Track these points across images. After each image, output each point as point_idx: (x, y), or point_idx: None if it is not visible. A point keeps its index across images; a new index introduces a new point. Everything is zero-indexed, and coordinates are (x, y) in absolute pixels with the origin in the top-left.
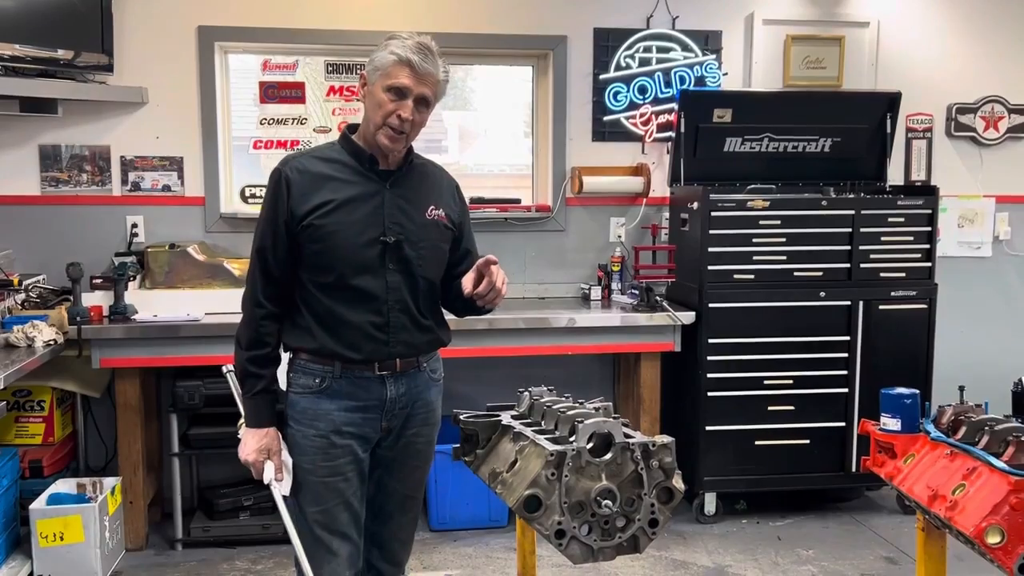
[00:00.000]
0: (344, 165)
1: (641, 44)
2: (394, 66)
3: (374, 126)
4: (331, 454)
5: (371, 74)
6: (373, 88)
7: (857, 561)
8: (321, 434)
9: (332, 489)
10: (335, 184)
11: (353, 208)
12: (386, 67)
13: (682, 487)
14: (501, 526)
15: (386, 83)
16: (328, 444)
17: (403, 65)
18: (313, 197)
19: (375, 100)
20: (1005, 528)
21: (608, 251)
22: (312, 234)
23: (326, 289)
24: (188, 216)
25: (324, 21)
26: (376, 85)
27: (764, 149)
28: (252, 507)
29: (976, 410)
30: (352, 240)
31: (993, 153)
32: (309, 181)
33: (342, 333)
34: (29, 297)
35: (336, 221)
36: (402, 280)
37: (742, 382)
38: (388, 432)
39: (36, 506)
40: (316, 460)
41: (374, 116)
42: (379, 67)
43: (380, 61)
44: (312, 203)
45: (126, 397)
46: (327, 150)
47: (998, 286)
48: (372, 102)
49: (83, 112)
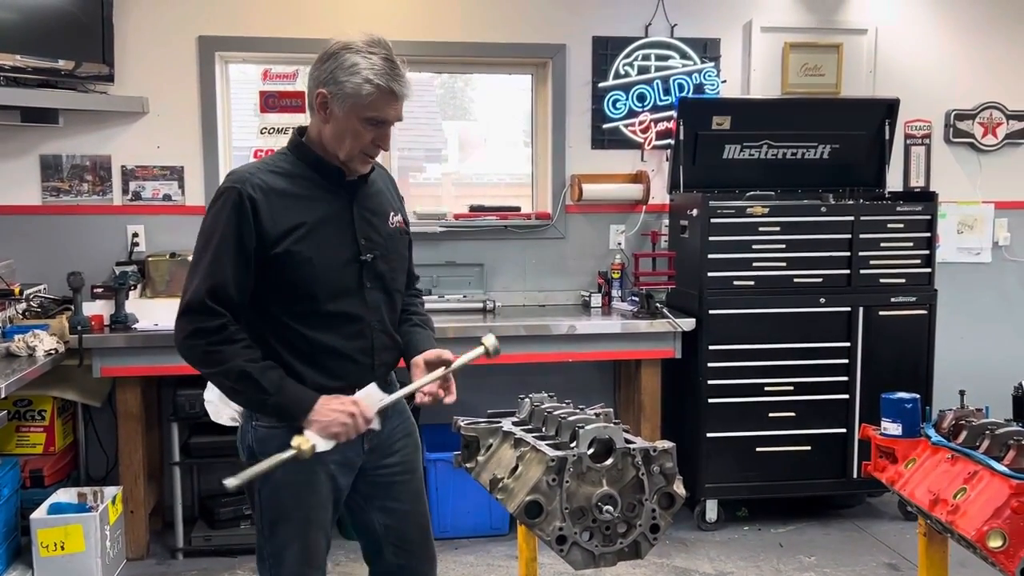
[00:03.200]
0: (305, 179)
1: (640, 52)
2: (376, 98)
3: (345, 153)
4: (314, 485)
5: (339, 99)
6: (344, 116)
7: (859, 568)
8: (297, 469)
9: (315, 522)
10: (303, 203)
11: (325, 228)
12: (364, 98)
13: (683, 492)
14: (502, 534)
15: (365, 115)
16: (312, 474)
17: (385, 96)
18: (282, 220)
19: (348, 128)
20: (1007, 532)
21: (608, 258)
22: (288, 261)
23: (302, 318)
24: (189, 225)
25: (324, 31)
26: (349, 114)
27: (763, 156)
28: (253, 516)
29: (977, 414)
30: (330, 263)
31: (992, 159)
32: (276, 201)
33: (324, 363)
34: (30, 306)
35: (313, 245)
36: (381, 298)
37: (743, 389)
38: (371, 452)
39: (37, 515)
40: (301, 493)
41: (346, 144)
42: (351, 95)
43: (353, 89)
44: (283, 227)
45: (127, 406)
46: (280, 162)
47: (998, 291)
48: (341, 128)
49: (84, 122)
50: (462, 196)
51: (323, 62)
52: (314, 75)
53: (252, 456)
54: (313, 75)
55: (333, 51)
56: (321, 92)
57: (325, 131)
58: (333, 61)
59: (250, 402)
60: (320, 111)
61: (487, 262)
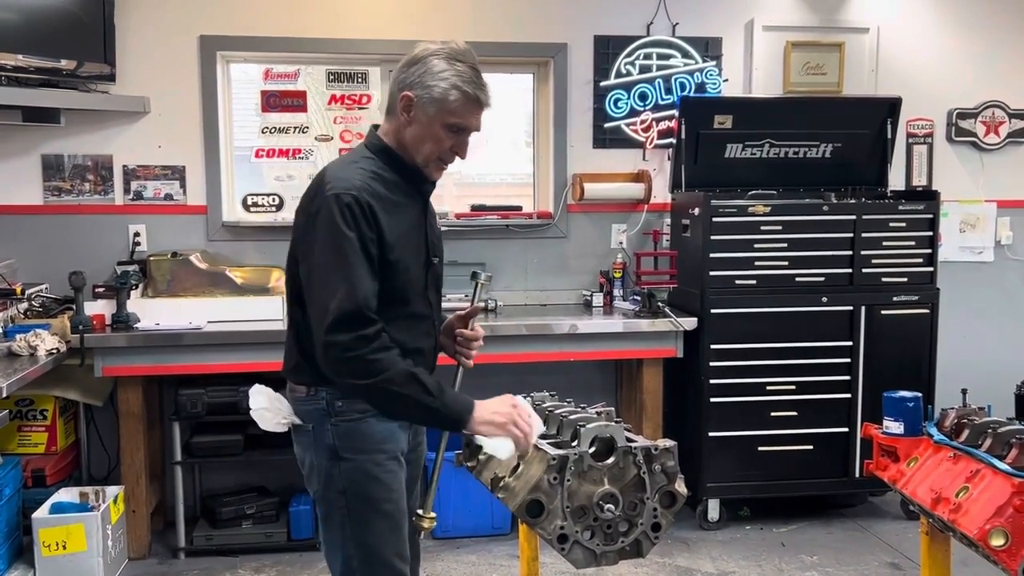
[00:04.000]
0: (394, 184)
1: (641, 51)
2: (462, 105)
3: (423, 158)
4: (399, 476)
5: (425, 103)
6: (428, 120)
7: (861, 567)
8: (391, 456)
9: (403, 513)
10: (401, 210)
11: (412, 233)
12: (451, 104)
13: (685, 491)
14: (504, 533)
15: (449, 120)
16: (398, 465)
17: (471, 103)
18: (394, 227)
19: (429, 133)
20: (1009, 530)
21: (610, 257)
22: (396, 267)
23: (391, 321)
24: (190, 225)
25: (325, 30)
26: (433, 119)
27: (765, 155)
28: (255, 515)
29: (979, 413)
30: (416, 267)
31: (994, 158)
32: (386, 208)
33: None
34: (32, 306)
35: (408, 250)
36: (436, 298)
37: (744, 388)
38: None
39: (39, 515)
40: (392, 485)
41: (426, 148)
42: (439, 100)
43: (440, 94)
44: (395, 234)
45: (128, 405)
46: (372, 167)
47: (1000, 290)
48: (423, 133)
49: (86, 121)
50: (464, 195)
51: (410, 66)
52: (400, 78)
53: (334, 456)
54: (398, 78)
55: (421, 56)
56: (407, 95)
57: (406, 134)
58: (421, 66)
59: (415, 406)
60: (404, 113)
61: (488, 261)
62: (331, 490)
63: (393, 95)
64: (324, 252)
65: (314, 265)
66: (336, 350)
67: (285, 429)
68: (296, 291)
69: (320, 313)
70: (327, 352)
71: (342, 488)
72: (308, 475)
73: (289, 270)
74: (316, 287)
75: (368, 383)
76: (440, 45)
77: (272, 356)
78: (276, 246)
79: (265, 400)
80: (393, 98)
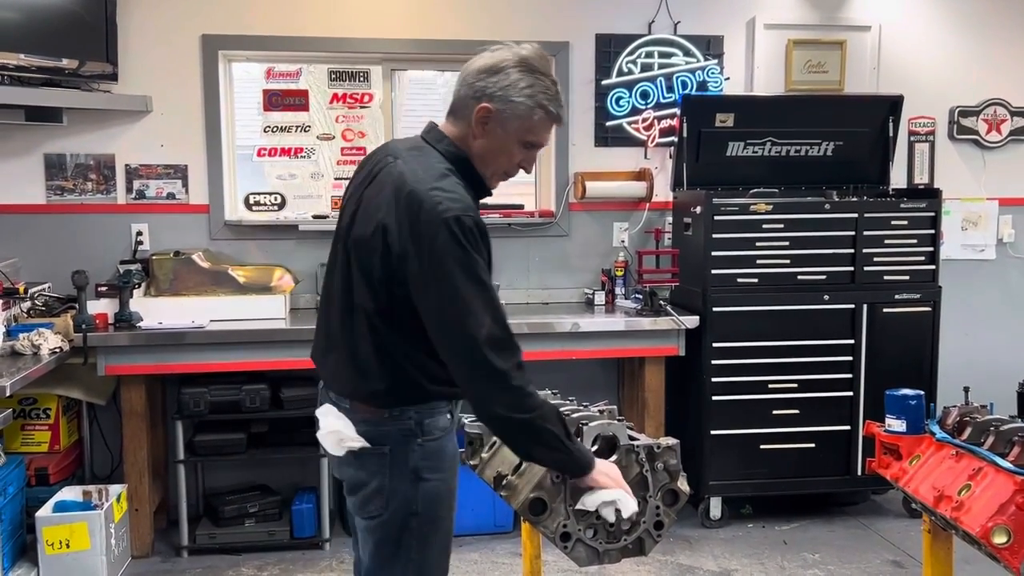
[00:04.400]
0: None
1: (643, 49)
2: (542, 123)
3: (492, 171)
4: (456, 492)
5: (506, 118)
6: (505, 135)
7: (864, 565)
8: (453, 474)
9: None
10: None
11: None
12: (532, 122)
13: (687, 489)
14: (507, 531)
15: (527, 138)
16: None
17: (552, 121)
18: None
19: (503, 148)
20: (1012, 528)
21: (611, 256)
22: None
23: None
24: (193, 224)
25: (327, 29)
26: (511, 135)
27: (766, 153)
28: (257, 514)
29: (981, 411)
30: None
31: (996, 156)
32: None
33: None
34: (35, 305)
35: None
36: None
37: (746, 386)
38: None
39: (42, 513)
40: (454, 503)
41: (497, 162)
42: (522, 117)
43: (525, 111)
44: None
45: (131, 404)
46: (458, 177)
47: (1002, 288)
48: (497, 147)
49: (88, 121)
50: None
51: (491, 74)
52: (478, 86)
53: (415, 478)
54: (476, 86)
55: (503, 66)
56: (486, 107)
57: (476, 144)
58: (503, 77)
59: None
60: (479, 125)
61: None
62: (401, 513)
63: (465, 101)
64: (456, 278)
65: (447, 292)
66: (499, 379)
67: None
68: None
69: (467, 341)
70: (486, 382)
71: (416, 510)
72: (367, 499)
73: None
74: (456, 314)
75: (524, 418)
76: (519, 52)
77: (274, 355)
78: (278, 245)
79: (338, 421)
80: (465, 104)
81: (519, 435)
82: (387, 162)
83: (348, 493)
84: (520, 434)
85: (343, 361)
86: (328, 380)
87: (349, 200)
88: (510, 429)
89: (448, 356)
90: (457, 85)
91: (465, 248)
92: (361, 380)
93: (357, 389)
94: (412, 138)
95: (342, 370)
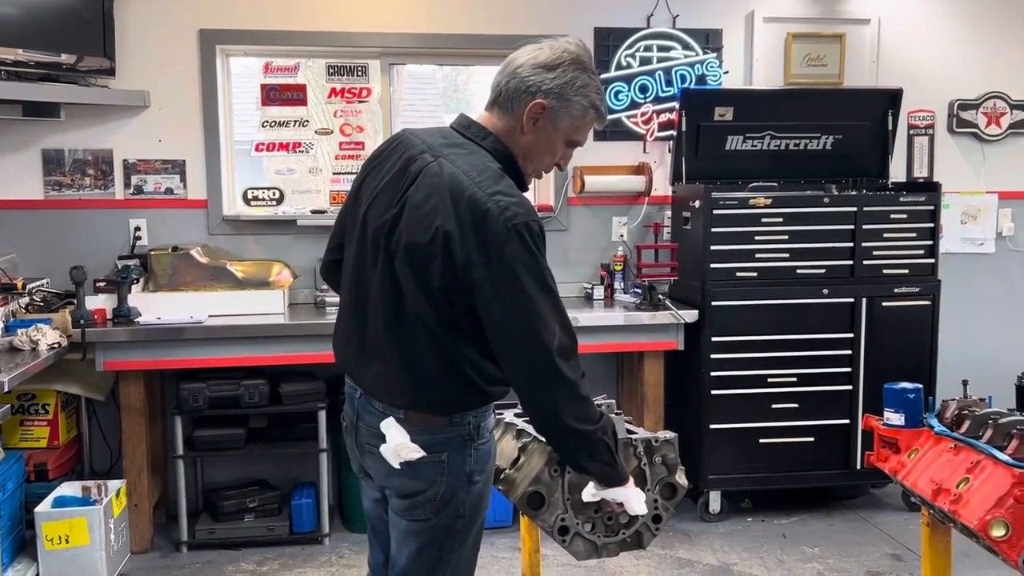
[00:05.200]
0: None
1: (642, 43)
2: (589, 122)
3: (533, 167)
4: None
5: (559, 116)
6: (555, 133)
7: (863, 558)
8: (492, 472)
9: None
10: None
11: None
12: (583, 121)
13: (686, 483)
14: (505, 525)
15: (573, 136)
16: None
17: (598, 121)
18: None
19: (550, 146)
20: (1009, 521)
21: (610, 250)
22: None
23: None
24: (191, 219)
25: (325, 23)
26: (560, 133)
27: (766, 147)
28: (257, 509)
29: (980, 404)
30: None
31: (995, 149)
32: None
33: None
34: (33, 301)
35: None
36: None
37: (745, 380)
38: None
39: (41, 509)
40: (487, 502)
41: (541, 160)
42: (576, 116)
43: (579, 111)
44: None
45: (130, 400)
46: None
47: (1001, 282)
48: (545, 144)
49: (86, 116)
50: None
51: (547, 70)
52: (533, 80)
53: (467, 481)
54: (531, 80)
55: (558, 62)
56: (541, 103)
57: (522, 140)
58: (561, 74)
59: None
60: (529, 121)
61: None
62: (449, 515)
63: (517, 95)
64: (528, 286)
65: (519, 301)
66: (569, 389)
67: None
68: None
69: (539, 351)
70: (556, 392)
71: (462, 512)
72: (418, 504)
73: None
74: (527, 324)
75: (588, 429)
76: (570, 48)
77: (273, 350)
78: (277, 240)
79: (401, 435)
80: (516, 98)
81: (578, 445)
82: (425, 160)
83: (397, 498)
84: (579, 444)
85: (393, 372)
86: (372, 390)
87: (377, 199)
88: (572, 439)
89: (515, 365)
90: (504, 77)
91: (535, 255)
92: (419, 391)
93: (416, 400)
94: (442, 130)
95: (392, 381)
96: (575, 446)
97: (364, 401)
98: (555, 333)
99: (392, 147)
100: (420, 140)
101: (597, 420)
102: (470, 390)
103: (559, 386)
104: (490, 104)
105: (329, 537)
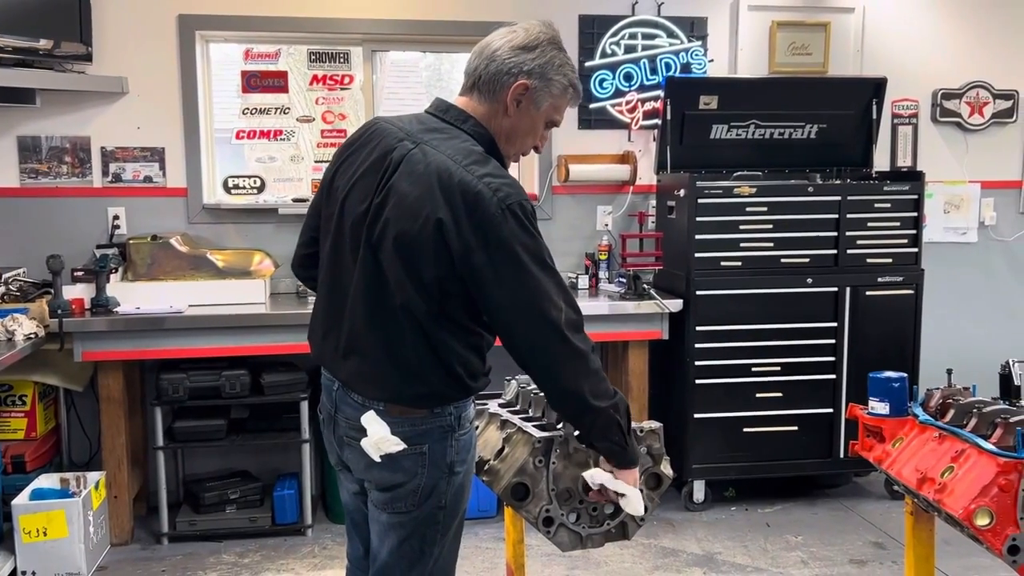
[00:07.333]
0: None
1: (626, 31)
2: (567, 101)
3: (515, 150)
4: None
5: (540, 96)
6: (537, 114)
7: (846, 546)
8: (473, 462)
9: None
10: None
11: None
12: (563, 100)
13: (671, 472)
14: (490, 516)
15: (553, 116)
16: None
17: (576, 99)
18: None
19: (532, 127)
20: (994, 510)
21: (595, 239)
22: None
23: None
24: (170, 207)
25: (306, 9)
26: (541, 113)
27: (750, 136)
28: (238, 500)
29: (964, 393)
30: None
31: (978, 139)
32: None
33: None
34: (9, 291)
35: None
36: None
37: (730, 369)
38: None
39: (19, 501)
40: (470, 493)
41: (524, 142)
42: (557, 95)
43: (560, 90)
44: None
45: (109, 390)
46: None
47: (984, 271)
48: (527, 126)
49: (62, 102)
50: None
51: (526, 51)
52: (513, 62)
53: (449, 472)
54: (511, 61)
55: (536, 43)
56: (524, 83)
57: (504, 123)
58: (540, 54)
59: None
60: (512, 103)
61: None
62: (430, 507)
63: (498, 78)
64: (529, 265)
65: (522, 281)
66: (583, 361)
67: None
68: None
69: (548, 326)
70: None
71: (443, 503)
72: (399, 497)
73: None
74: (533, 302)
75: (603, 405)
76: (544, 29)
77: (254, 340)
78: (258, 228)
79: (381, 428)
80: (497, 80)
81: (589, 420)
82: (405, 148)
83: (377, 491)
84: (590, 419)
85: (375, 365)
86: (351, 383)
87: (354, 190)
88: (587, 415)
89: (526, 346)
90: (482, 61)
91: (532, 233)
92: (404, 384)
93: (400, 393)
94: (418, 116)
95: (374, 375)
96: (589, 421)
97: (342, 393)
98: (561, 308)
99: (366, 136)
100: (396, 127)
101: (612, 396)
102: (454, 384)
103: (574, 360)
104: (467, 89)
105: (312, 528)
